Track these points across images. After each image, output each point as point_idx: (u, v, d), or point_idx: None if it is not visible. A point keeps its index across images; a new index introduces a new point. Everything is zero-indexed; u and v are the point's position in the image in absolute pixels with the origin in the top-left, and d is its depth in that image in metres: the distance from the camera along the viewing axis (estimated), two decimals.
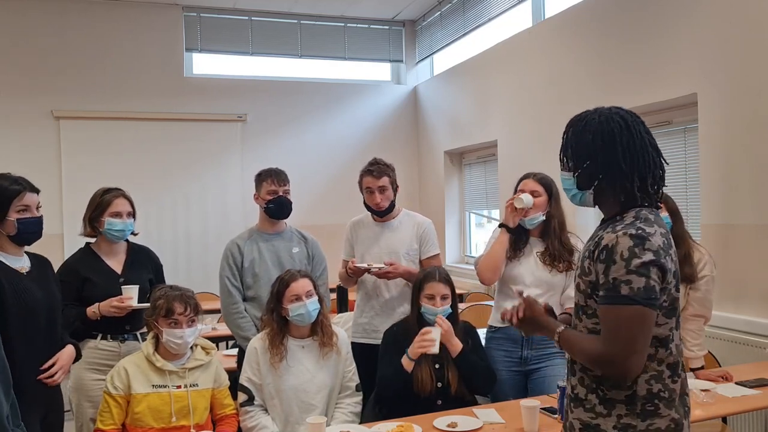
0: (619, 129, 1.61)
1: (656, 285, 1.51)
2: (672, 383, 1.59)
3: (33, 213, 2.41)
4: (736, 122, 3.48)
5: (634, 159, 1.60)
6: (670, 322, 1.58)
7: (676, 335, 1.61)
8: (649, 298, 1.50)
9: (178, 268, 6.17)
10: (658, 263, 1.51)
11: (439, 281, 2.82)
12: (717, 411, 2.55)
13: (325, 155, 7.04)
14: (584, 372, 1.63)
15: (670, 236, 1.60)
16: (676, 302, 1.60)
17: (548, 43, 5.09)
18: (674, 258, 1.58)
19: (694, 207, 3.88)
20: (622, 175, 1.60)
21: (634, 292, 1.49)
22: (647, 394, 1.56)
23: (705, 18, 3.65)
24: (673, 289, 1.59)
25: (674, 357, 1.60)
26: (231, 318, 3.18)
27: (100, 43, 6.32)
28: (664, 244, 1.55)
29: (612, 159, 1.60)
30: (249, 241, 3.25)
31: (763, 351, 3.30)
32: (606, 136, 1.61)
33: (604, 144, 1.61)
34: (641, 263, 1.50)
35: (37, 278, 2.45)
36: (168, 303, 2.55)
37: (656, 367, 1.57)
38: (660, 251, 1.52)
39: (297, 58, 7.12)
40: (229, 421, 2.68)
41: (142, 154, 6.35)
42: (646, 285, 1.49)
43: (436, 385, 2.73)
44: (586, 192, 1.67)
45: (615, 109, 1.67)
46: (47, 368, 2.40)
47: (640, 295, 1.49)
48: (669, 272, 1.54)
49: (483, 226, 6.88)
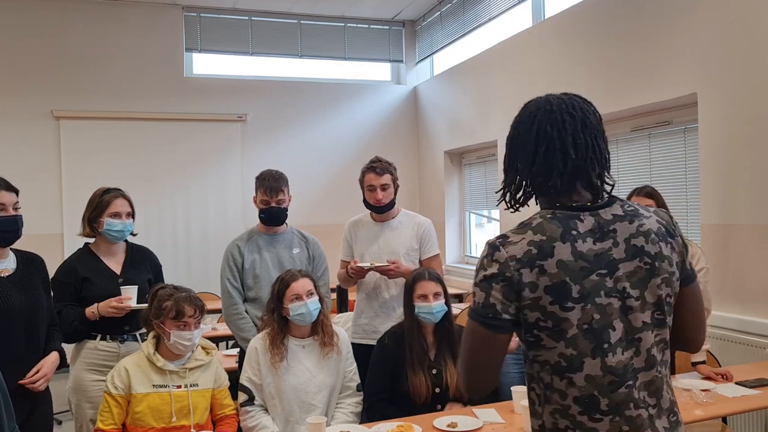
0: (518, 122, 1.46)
1: (497, 303, 1.33)
2: (589, 421, 1.34)
3: (8, 212, 2.40)
4: (736, 122, 3.48)
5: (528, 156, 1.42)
6: (558, 346, 1.33)
7: (589, 365, 1.33)
8: (485, 316, 1.35)
9: (178, 268, 6.17)
10: (502, 275, 1.33)
11: (429, 279, 2.82)
12: (717, 411, 2.54)
13: (325, 155, 7.04)
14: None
15: (556, 245, 1.33)
16: (564, 323, 1.32)
17: (548, 43, 5.09)
18: (554, 271, 1.31)
19: (694, 207, 3.88)
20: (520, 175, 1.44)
21: (474, 306, 1.38)
22: (553, 428, 1.38)
23: (705, 18, 3.65)
24: (553, 307, 1.32)
25: (583, 390, 1.33)
26: (231, 319, 3.18)
27: (100, 43, 6.32)
28: (529, 254, 1.32)
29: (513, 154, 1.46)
30: (249, 242, 3.25)
31: (763, 351, 3.30)
32: (512, 132, 1.48)
33: (510, 140, 1.48)
34: (483, 276, 1.36)
35: (19, 281, 2.44)
36: (177, 305, 2.54)
37: (559, 400, 1.36)
38: (510, 263, 1.32)
39: (297, 58, 7.12)
40: (229, 422, 2.68)
41: (142, 154, 6.36)
42: (484, 302, 1.35)
43: (434, 391, 2.72)
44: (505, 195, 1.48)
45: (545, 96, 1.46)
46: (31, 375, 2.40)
47: (477, 311, 1.37)
48: (524, 285, 1.32)
49: (483, 226, 6.88)
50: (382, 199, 3.22)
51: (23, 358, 2.41)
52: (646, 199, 2.98)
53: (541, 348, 1.36)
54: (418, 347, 2.77)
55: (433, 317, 2.78)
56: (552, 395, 1.37)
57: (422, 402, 2.70)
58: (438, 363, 2.75)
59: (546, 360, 1.36)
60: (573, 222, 1.36)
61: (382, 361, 2.82)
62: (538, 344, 1.36)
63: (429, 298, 2.78)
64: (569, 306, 1.32)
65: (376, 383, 2.80)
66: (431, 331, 2.82)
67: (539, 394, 1.40)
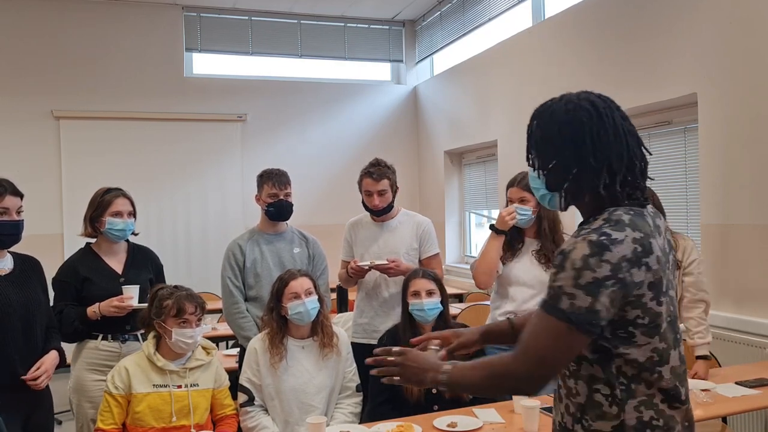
0: (588, 117, 1.38)
1: (602, 310, 1.29)
2: (669, 409, 1.37)
3: (11, 216, 2.41)
4: (736, 122, 3.49)
5: (605, 152, 1.37)
6: (652, 341, 1.35)
7: (672, 356, 1.38)
8: (588, 323, 1.29)
9: (179, 267, 6.17)
10: (615, 278, 1.29)
11: (422, 277, 2.82)
12: (717, 411, 2.54)
13: (325, 155, 7.04)
14: (569, 399, 1.43)
15: (653, 240, 1.35)
16: (659, 318, 1.35)
17: (548, 43, 5.09)
18: (656, 267, 1.34)
19: (694, 207, 3.88)
20: (591, 172, 1.38)
21: (573, 309, 1.29)
22: (637, 423, 1.35)
23: (705, 18, 3.65)
24: (652, 303, 1.34)
25: (668, 381, 1.37)
26: (232, 318, 3.18)
27: (100, 43, 6.32)
28: (636, 252, 1.31)
29: (581, 154, 1.38)
30: (250, 241, 3.25)
31: (763, 351, 3.30)
32: (573, 128, 1.39)
33: (572, 137, 1.38)
34: (593, 279, 1.28)
35: (16, 280, 2.46)
36: (178, 303, 2.55)
37: (645, 391, 1.36)
38: (622, 264, 1.29)
39: (297, 58, 7.12)
40: (229, 422, 2.68)
41: (142, 154, 6.36)
42: (589, 307, 1.28)
43: (430, 391, 2.72)
44: (556, 194, 1.44)
45: (584, 95, 1.44)
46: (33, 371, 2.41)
47: (578, 316, 1.29)
48: (634, 285, 1.31)
49: (483, 226, 6.87)
50: (378, 204, 3.22)
51: (20, 356, 2.42)
52: None
53: (631, 345, 1.35)
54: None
55: (425, 314, 2.77)
56: (638, 387, 1.36)
57: (415, 401, 2.69)
58: None
59: (635, 357, 1.35)
60: (647, 218, 1.39)
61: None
62: (629, 341, 1.35)
63: (421, 295, 2.78)
64: (662, 300, 1.36)
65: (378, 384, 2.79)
66: (429, 329, 2.82)
67: (620, 391, 1.36)
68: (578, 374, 1.40)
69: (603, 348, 1.36)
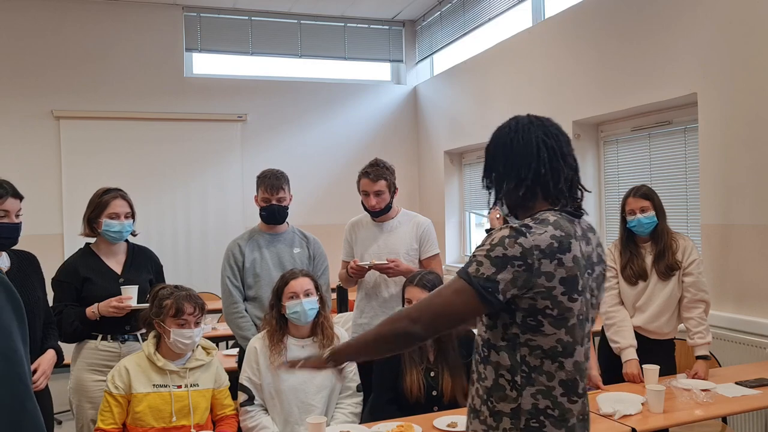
0: (507, 132, 1.61)
1: (501, 283, 1.43)
2: (567, 402, 1.51)
3: (11, 219, 2.41)
4: (736, 122, 3.48)
5: (515, 162, 1.57)
6: (558, 333, 1.48)
7: (578, 352, 1.52)
8: (485, 289, 1.44)
9: (179, 268, 6.18)
10: (523, 261, 1.43)
11: (416, 285, 2.76)
12: (717, 411, 2.54)
13: (325, 155, 7.04)
14: (479, 382, 1.58)
15: (573, 241, 1.49)
16: (568, 313, 1.48)
17: (548, 43, 5.09)
18: (570, 264, 1.47)
19: (694, 207, 3.88)
20: (505, 178, 1.59)
21: (477, 274, 1.45)
22: (532, 408, 1.49)
23: (705, 18, 3.65)
24: (563, 297, 1.47)
25: (569, 374, 1.51)
26: (231, 318, 3.18)
27: (100, 43, 6.32)
28: (551, 246, 1.45)
29: (496, 164, 1.62)
30: (250, 241, 3.25)
31: (762, 351, 3.30)
32: (494, 142, 1.64)
33: (493, 150, 1.64)
34: (502, 254, 1.44)
35: (14, 279, 2.45)
36: (178, 303, 2.55)
37: (545, 382, 1.50)
38: (534, 251, 1.44)
39: (297, 58, 7.12)
40: (229, 422, 2.68)
41: (142, 154, 6.36)
42: (491, 276, 1.44)
43: (430, 393, 2.72)
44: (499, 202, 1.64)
45: (520, 116, 1.64)
46: None
47: (478, 279, 1.45)
48: (542, 274, 1.44)
49: (483, 226, 6.88)
50: (375, 205, 3.21)
51: None
52: (643, 200, 2.98)
53: (538, 333, 1.48)
54: None
55: None
56: (539, 377, 1.50)
57: (414, 400, 2.69)
58: (436, 366, 2.75)
59: (540, 345, 1.49)
60: (575, 224, 1.55)
61: (385, 360, 2.82)
62: (537, 329, 1.48)
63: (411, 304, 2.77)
64: (575, 297, 1.49)
65: (381, 384, 2.79)
66: None
67: (521, 377, 1.50)
68: (488, 360, 1.55)
69: (512, 336, 1.50)
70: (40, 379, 2.43)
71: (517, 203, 1.60)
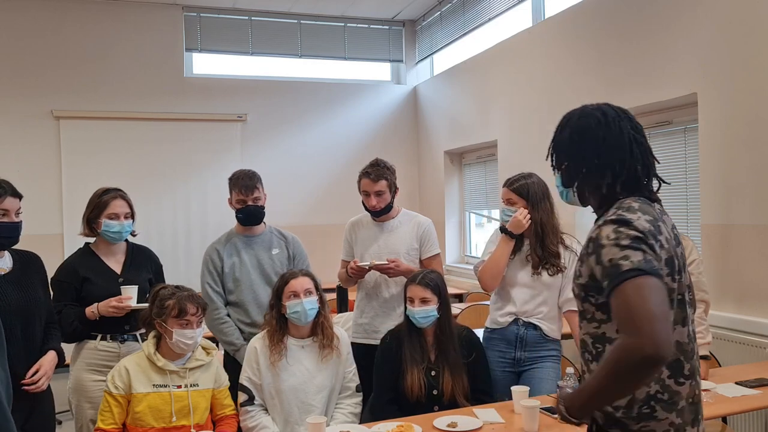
0: (597, 124, 1.56)
1: (653, 258, 1.40)
2: (675, 385, 1.48)
3: (11, 218, 2.41)
4: (736, 122, 3.48)
5: (609, 155, 1.55)
6: None
7: (679, 333, 1.49)
8: (652, 268, 1.38)
9: (178, 268, 6.16)
10: (645, 240, 1.41)
11: (418, 284, 2.79)
12: (717, 411, 2.54)
13: (325, 155, 7.04)
14: None
15: (661, 224, 1.50)
16: (672, 294, 1.47)
17: (548, 43, 5.09)
18: (667, 246, 1.47)
19: (694, 207, 3.88)
20: (596, 172, 1.57)
21: (635, 264, 1.37)
22: (645, 396, 1.46)
23: (705, 18, 3.65)
24: (668, 278, 1.46)
25: (673, 355, 1.46)
26: (214, 324, 3.15)
27: (100, 43, 6.32)
28: (650, 229, 1.45)
29: (586, 155, 1.57)
30: (228, 245, 3.22)
31: (762, 351, 3.30)
32: (580, 133, 1.59)
33: (580, 140, 1.59)
34: (633, 236, 1.41)
35: (15, 279, 2.46)
36: (180, 304, 2.55)
37: None
38: (646, 233, 1.43)
39: (297, 58, 7.12)
40: (229, 422, 2.68)
41: (142, 154, 6.36)
42: (644, 257, 1.38)
43: (431, 392, 2.72)
44: (570, 190, 1.65)
45: (601, 105, 1.61)
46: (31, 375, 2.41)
47: (642, 266, 1.37)
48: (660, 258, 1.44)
49: (483, 226, 6.88)
50: (376, 205, 3.20)
51: (20, 357, 2.41)
52: None
53: None
54: (414, 346, 2.78)
55: (417, 321, 2.78)
56: None
57: (414, 400, 2.69)
58: (437, 365, 2.75)
59: None
60: (654, 208, 1.55)
61: (385, 360, 2.83)
62: None
63: (415, 303, 2.78)
64: (676, 278, 1.49)
65: (381, 384, 2.79)
66: (431, 332, 2.82)
67: None
68: (603, 357, 1.49)
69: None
70: (42, 380, 2.43)
71: (595, 193, 1.59)
